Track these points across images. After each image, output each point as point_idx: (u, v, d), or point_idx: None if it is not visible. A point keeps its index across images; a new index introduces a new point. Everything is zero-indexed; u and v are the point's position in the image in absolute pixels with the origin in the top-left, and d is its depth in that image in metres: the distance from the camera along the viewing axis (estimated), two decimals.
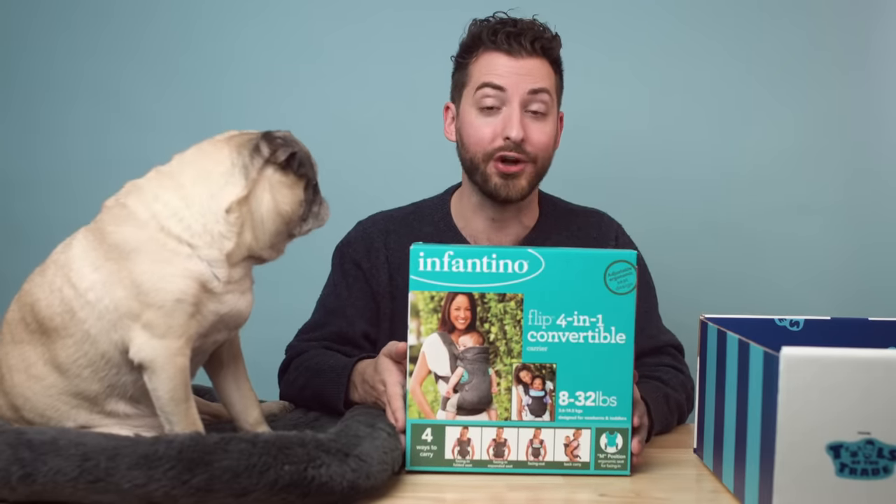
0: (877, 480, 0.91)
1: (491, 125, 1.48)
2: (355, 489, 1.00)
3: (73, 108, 2.28)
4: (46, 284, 1.10)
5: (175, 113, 2.25)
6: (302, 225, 1.16)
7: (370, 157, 2.25)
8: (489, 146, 1.48)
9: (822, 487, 0.91)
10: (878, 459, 0.91)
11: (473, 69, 1.51)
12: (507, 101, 1.47)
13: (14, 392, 1.11)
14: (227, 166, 1.10)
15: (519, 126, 1.46)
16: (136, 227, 1.08)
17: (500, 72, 1.47)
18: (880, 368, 0.90)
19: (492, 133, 1.48)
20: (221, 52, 2.26)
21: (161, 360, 1.06)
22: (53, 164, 2.29)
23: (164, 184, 1.10)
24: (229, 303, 1.11)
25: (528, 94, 1.48)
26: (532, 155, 1.49)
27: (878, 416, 0.90)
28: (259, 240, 1.12)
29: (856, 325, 1.26)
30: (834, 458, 0.91)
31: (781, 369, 0.91)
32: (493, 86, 1.47)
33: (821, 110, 2.24)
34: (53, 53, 2.28)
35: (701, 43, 2.24)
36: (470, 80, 1.52)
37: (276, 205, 1.12)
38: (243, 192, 1.09)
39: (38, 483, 0.96)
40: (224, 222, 1.09)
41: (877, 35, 2.25)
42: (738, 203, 2.25)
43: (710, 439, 1.17)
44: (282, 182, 1.12)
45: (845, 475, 0.91)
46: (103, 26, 2.27)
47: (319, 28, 2.26)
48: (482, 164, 1.50)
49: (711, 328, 1.18)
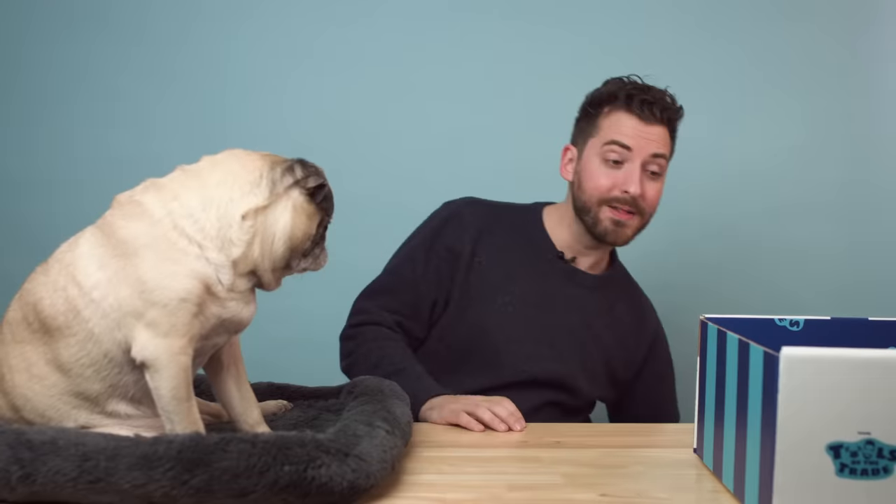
0: (877, 480, 0.91)
1: (612, 177, 1.67)
2: (355, 489, 1.00)
3: (74, 109, 2.29)
4: (50, 283, 1.10)
5: (175, 113, 2.26)
6: (301, 260, 1.16)
7: (367, 158, 2.25)
8: (606, 194, 1.67)
9: (822, 487, 0.91)
10: (878, 459, 0.91)
11: (603, 123, 1.69)
12: (630, 158, 1.66)
13: (14, 392, 1.11)
14: (255, 176, 1.11)
15: (638, 183, 1.65)
16: (149, 223, 1.07)
17: (630, 133, 1.66)
18: (880, 368, 0.90)
19: (612, 184, 1.67)
20: (220, 53, 2.26)
21: (164, 358, 1.06)
22: (54, 163, 2.29)
23: (187, 183, 1.10)
24: (232, 309, 1.11)
25: (650, 156, 1.66)
26: (642, 209, 1.68)
27: (878, 416, 0.90)
28: (265, 257, 1.12)
29: (856, 325, 1.26)
30: (834, 458, 0.91)
31: (781, 369, 0.91)
32: (621, 144, 1.66)
33: (821, 111, 2.25)
34: (53, 54, 2.29)
35: (700, 44, 2.24)
36: (598, 132, 1.69)
37: (291, 227, 1.12)
38: (264, 202, 1.10)
39: (38, 483, 0.96)
40: (238, 228, 1.09)
41: (876, 35, 2.25)
42: (738, 203, 2.25)
43: (710, 439, 1.17)
44: (304, 208, 1.13)
45: (845, 475, 0.91)
46: (103, 27, 2.27)
47: (317, 29, 2.26)
48: (595, 208, 1.69)
49: (711, 328, 1.18)
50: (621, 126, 1.66)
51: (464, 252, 1.71)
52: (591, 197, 1.68)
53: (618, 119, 1.67)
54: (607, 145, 1.66)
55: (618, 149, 1.66)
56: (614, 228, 1.68)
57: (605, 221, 1.68)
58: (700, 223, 2.22)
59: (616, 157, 1.66)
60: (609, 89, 1.71)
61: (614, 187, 1.66)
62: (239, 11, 2.27)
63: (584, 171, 1.70)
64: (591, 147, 1.70)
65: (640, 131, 1.66)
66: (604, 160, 1.67)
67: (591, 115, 1.72)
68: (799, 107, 2.25)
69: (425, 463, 1.20)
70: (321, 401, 1.41)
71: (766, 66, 2.23)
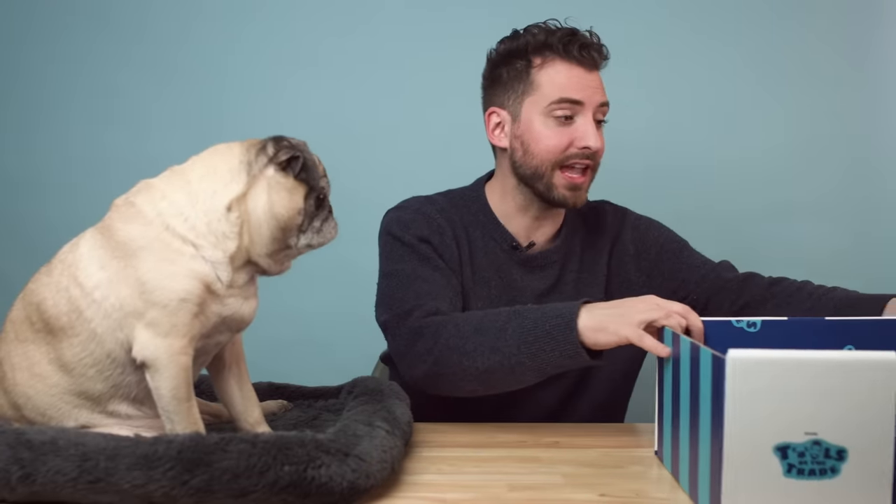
0: (824, 480, 0.92)
1: (567, 135, 1.52)
2: (355, 489, 1.00)
3: (72, 109, 2.29)
4: (53, 284, 1.10)
5: (172, 114, 2.26)
6: (300, 237, 1.12)
7: (365, 158, 2.25)
8: (561, 155, 1.52)
9: (771, 488, 0.92)
10: (825, 460, 0.92)
11: (541, 78, 1.53)
12: (581, 112, 1.52)
13: (16, 391, 1.11)
14: (234, 164, 1.10)
15: (596, 137, 1.52)
16: (143, 225, 1.08)
17: (578, 85, 1.51)
18: (825, 369, 0.91)
19: (568, 142, 1.52)
20: (218, 53, 2.27)
21: (164, 358, 1.06)
22: (52, 163, 2.30)
23: (173, 181, 1.11)
24: (232, 306, 1.11)
25: (598, 106, 1.54)
26: (596, 163, 1.56)
27: (825, 417, 0.91)
28: (255, 244, 1.10)
29: (812, 325, 1.26)
30: (781, 458, 0.92)
31: (728, 372, 0.91)
32: (572, 101, 1.51)
33: (818, 110, 2.25)
34: (52, 55, 2.29)
35: (699, 43, 2.25)
36: (536, 89, 1.53)
37: (271, 206, 1.10)
38: (244, 189, 1.09)
39: (38, 483, 0.96)
40: (226, 221, 1.08)
41: (876, 35, 2.25)
42: (736, 203, 2.25)
43: (668, 441, 1.17)
44: (280, 184, 1.10)
45: (793, 475, 0.92)
46: (101, 28, 2.27)
47: (315, 29, 2.27)
48: (548, 173, 1.54)
49: (667, 331, 1.19)
50: (566, 79, 1.51)
51: (451, 251, 1.56)
52: (543, 161, 1.53)
53: (558, 71, 1.52)
54: (556, 104, 1.51)
55: (568, 105, 1.51)
56: (572, 193, 1.54)
57: (561, 189, 1.54)
58: (698, 223, 2.22)
59: (566, 113, 1.51)
60: (536, 38, 1.54)
61: (570, 145, 1.52)
62: (238, 12, 2.27)
63: (530, 135, 1.54)
64: (530, 106, 1.54)
65: (586, 81, 1.52)
66: (552, 119, 1.52)
67: (519, 71, 1.55)
68: (796, 106, 2.25)
69: (425, 463, 1.20)
70: (321, 401, 1.41)
71: (762, 65, 2.24)
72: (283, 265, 1.16)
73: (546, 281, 1.62)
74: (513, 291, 1.60)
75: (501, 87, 1.59)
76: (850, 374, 0.90)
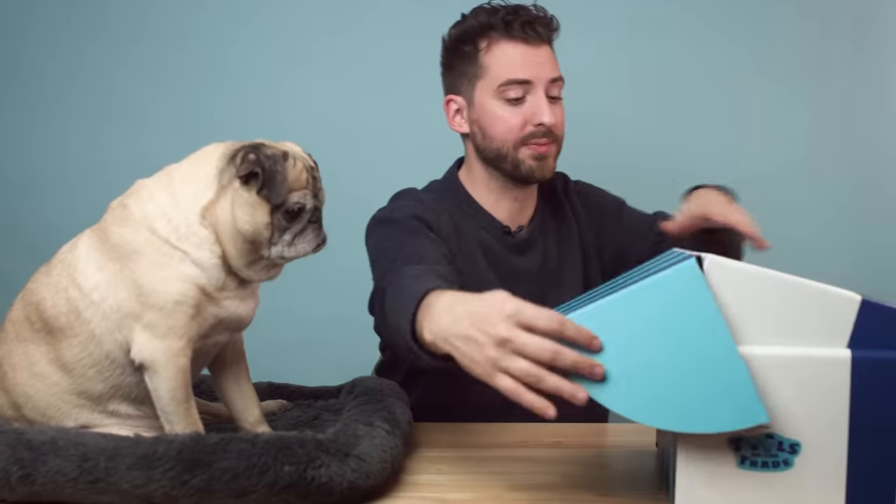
0: (777, 472, 0.94)
1: (520, 114, 1.52)
2: (355, 489, 1.00)
3: (69, 109, 2.29)
4: (52, 284, 1.10)
5: (169, 114, 2.26)
6: (271, 248, 1.08)
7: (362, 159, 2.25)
8: (520, 134, 1.52)
9: (724, 479, 0.95)
10: (778, 453, 0.94)
11: (489, 61, 1.53)
12: (531, 91, 1.52)
13: (16, 390, 1.11)
14: (211, 169, 1.08)
15: (550, 112, 1.51)
16: (133, 228, 1.08)
17: (523, 64, 1.51)
18: (779, 365, 0.93)
19: (523, 120, 1.52)
20: (215, 54, 2.27)
21: (162, 360, 1.06)
22: (49, 163, 2.29)
23: (161, 181, 1.10)
24: (229, 308, 1.11)
25: (549, 82, 1.52)
26: (555, 136, 1.54)
27: (778, 411, 0.93)
28: (228, 253, 1.08)
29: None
30: (735, 450, 0.95)
31: None
32: (519, 81, 1.51)
33: (823, 113, 2.25)
34: (49, 55, 2.29)
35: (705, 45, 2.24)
36: (486, 72, 1.53)
37: (234, 220, 1.06)
38: (213, 197, 1.07)
39: (38, 483, 0.96)
40: (201, 227, 1.07)
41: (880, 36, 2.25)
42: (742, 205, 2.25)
43: None
44: (243, 199, 1.07)
45: (746, 467, 0.95)
46: (99, 28, 2.27)
47: (312, 29, 2.27)
48: (512, 152, 1.53)
49: None
50: (510, 59, 1.51)
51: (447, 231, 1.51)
52: (504, 142, 1.53)
53: (503, 52, 1.52)
54: (503, 86, 1.51)
55: (515, 86, 1.50)
56: (538, 164, 1.53)
57: (527, 161, 1.53)
58: None
59: (516, 94, 1.50)
60: (479, 21, 1.54)
61: (526, 123, 1.51)
62: (236, 12, 2.27)
63: (485, 118, 1.54)
64: (482, 90, 1.54)
65: (531, 58, 1.51)
66: (504, 100, 1.52)
67: (468, 55, 1.55)
68: (801, 109, 2.24)
69: (425, 463, 1.20)
70: (321, 400, 1.41)
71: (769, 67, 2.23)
72: (268, 273, 1.13)
73: (534, 260, 1.63)
74: (513, 277, 1.58)
75: (455, 73, 1.59)
76: (801, 369, 0.93)
